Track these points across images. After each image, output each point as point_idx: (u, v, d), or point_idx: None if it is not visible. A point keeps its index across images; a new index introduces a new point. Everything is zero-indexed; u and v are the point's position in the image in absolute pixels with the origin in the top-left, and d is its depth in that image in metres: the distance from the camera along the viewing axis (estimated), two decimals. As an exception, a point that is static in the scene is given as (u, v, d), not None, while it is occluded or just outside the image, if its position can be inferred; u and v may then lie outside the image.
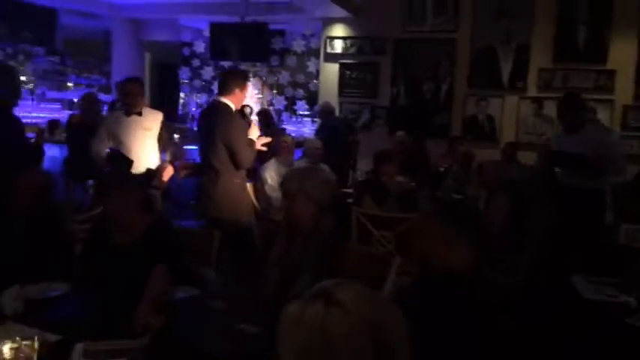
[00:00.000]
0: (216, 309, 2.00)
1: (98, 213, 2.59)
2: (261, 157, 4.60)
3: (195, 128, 4.10)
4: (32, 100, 8.96)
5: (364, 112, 8.22)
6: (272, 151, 4.67)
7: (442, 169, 6.10)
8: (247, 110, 3.88)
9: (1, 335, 1.49)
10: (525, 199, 3.94)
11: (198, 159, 4.24)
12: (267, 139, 3.83)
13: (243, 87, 3.68)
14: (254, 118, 7.07)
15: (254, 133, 3.68)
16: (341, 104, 8.22)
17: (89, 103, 5.13)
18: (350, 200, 4.27)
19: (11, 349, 1.35)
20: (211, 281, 2.46)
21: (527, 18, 7.15)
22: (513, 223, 3.59)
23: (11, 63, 9.26)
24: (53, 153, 5.86)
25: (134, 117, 3.96)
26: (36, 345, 1.39)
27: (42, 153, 3.34)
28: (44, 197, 2.32)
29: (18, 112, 8.44)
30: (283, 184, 2.29)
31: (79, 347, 1.49)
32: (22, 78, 9.14)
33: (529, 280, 3.34)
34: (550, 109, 6.85)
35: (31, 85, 9.42)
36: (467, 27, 7.47)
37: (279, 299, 2.12)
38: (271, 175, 4.49)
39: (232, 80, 3.65)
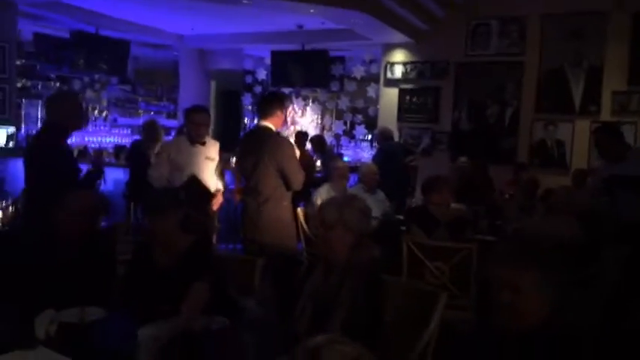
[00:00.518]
0: (245, 342, 1.91)
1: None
2: (315, 183, 4.54)
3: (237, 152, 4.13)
4: (104, 126, 9.45)
5: (424, 137, 8.04)
6: (326, 175, 4.61)
7: (507, 197, 5.81)
8: (285, 133, 3.88)
9: None
10: (600, 230, 3.63)
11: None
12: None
13: (283, 108, 3.67)
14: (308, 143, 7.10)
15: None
16: (400, 129, 8.09)
17: (149, 129, 5.30)
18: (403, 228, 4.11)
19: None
20: (250, 311, 2.38)
21: (600, 38, 6.77)
22: (582, 255, 3.30)
23: (89, 91, 9.88)
24: (117, 176, 6.08)
25: (198, 146, 3.90)
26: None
27: (99, 175, 3.42)
28: (91, 219, 2.34)
29: (92, 136, 8.90)
30: (320, 213, 2.18)
31: None
32: (97, 105, 9.70)
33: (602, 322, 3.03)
34: (626, 133, 6.38)
35: (105, 112, 9.94)
36: (534, 49, 7.18)
37: (313, 334, 2.01)
38: (323, 199, 4.40)
39: (273, 103, 3.64)
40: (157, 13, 8.30)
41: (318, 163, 6.92)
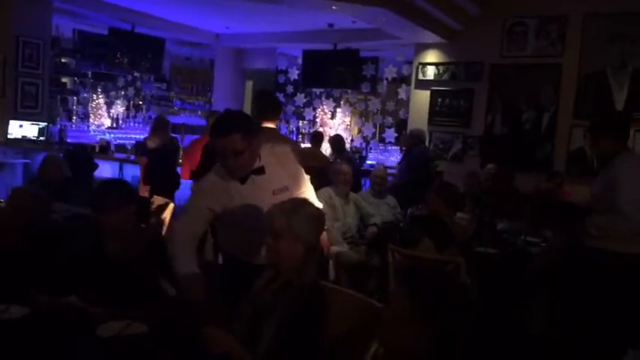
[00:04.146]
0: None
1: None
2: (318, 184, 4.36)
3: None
4: (138, 122, 9.67)
5: (456, 142, 7.71)
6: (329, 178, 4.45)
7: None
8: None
9: None
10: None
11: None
12: None
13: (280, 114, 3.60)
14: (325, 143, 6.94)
15: None
16: (431, 133, 7.79)
17: (159, 125, 5.30)
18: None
19: None
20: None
21: (646, 39, 6.26)
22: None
23: (130, 89, 10.11)
24: (136, 172, 6.14)
25: (253, 179, 2.32)
26: None
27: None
28: (30, 215, 2.29)
29: (127, 133, 9.09)
30: (268, 222, 1.95)
31: None
32: (135, 102, 9.92)
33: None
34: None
35: (144, 109, 10.15)
36: (574, 50, 6.73)
37: (248, 342, 1.86)
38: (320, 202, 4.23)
39: (280, 107, 3.60)
40: (192, 12, 8.37)
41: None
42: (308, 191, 2.64)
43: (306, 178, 2.64)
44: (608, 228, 2.79)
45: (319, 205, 2.87)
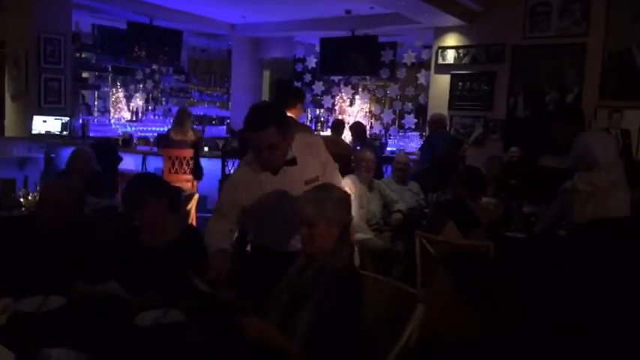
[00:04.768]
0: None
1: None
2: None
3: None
4: (159, 115, 9.75)
5: (477, 126, 7.62)
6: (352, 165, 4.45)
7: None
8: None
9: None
10: None
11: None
12: None
13: (302, 102, 3.62)
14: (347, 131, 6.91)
15: None
16: (451, 117, 7.70)
17: (182, 118, 5.33)
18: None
19: None
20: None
21: (675, 16, 6.09)
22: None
23: (149, 82, 10.16)
24: (159, 164, 6.19)
25: (285, 170, 2.32)
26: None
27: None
28: (67, 209, 2.33)
29: (148, 125, 9.17)
30: (299, 212, 1.97)
31: None
32: (154, 94, 9.99)
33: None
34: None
35: (163, 102, 10.21)
36: (599, 30, 6.57)
37: (284, 329, 1.87)
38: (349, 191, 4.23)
39: (296, 95, 3.62)
40: (208, 2, 8.38)
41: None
42: (336, 179, 2.63)
43: (336, 166, 2.62)
44: (594, 179, 3.23)
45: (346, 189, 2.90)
